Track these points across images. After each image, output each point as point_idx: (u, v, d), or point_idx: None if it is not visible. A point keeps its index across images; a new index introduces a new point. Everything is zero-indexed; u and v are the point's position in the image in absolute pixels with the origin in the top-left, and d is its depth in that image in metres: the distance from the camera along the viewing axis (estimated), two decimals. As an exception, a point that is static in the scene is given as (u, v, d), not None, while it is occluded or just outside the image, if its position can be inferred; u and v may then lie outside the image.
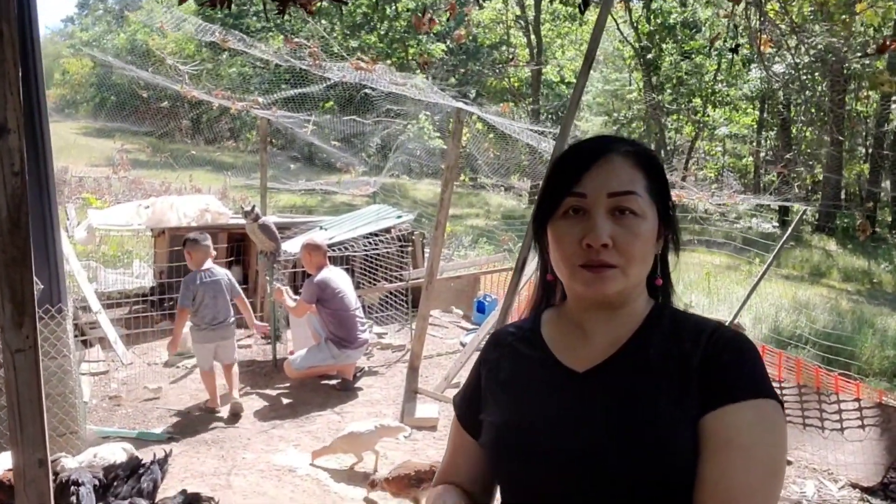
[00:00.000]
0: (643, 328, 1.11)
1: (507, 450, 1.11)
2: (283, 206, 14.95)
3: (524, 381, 1.15)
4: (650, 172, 1.11)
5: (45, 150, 3.91)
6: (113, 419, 4.85)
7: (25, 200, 2.20)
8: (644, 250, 1.08)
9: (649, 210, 1.08)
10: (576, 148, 1.14)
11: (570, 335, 1.15)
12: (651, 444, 1.00)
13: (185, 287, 4.94)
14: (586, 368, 1.10)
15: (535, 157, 17.09)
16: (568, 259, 1.08)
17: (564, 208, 1.09)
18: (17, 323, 2.22)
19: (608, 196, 1.06)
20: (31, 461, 2.30)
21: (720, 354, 1.04)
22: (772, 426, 1.01)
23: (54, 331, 3.96)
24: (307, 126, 7.57)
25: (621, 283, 1.06)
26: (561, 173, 1.11)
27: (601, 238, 1.04)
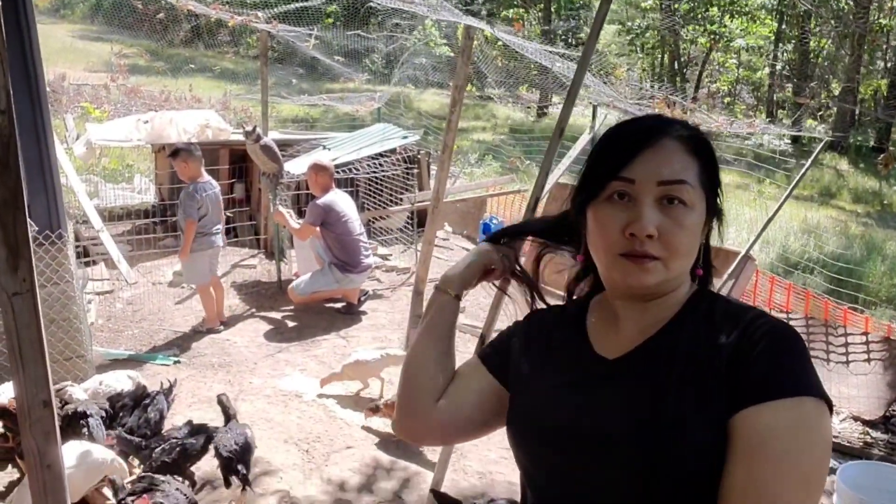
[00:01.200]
0: (678, 317, 1.05)
1: (531, 431, 1.09)
2: (285, 117, 14.64)
3: (558, 364, 1.12)
4: (703, 159, 1.03)
5: (35, 66, 3.72)
6: (119, 340, 4.88)
7: (14, 140, 2.07)
8: (690, 243, 1.01)
9: (699, 200, 1.01)
10: (626, 127, 1.06)
11: (606, 322, 1.11)
12: (667, 438, 0.94)
13: (190, 198, 4.86)
14: (616, 356, 1.06)
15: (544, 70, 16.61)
16: (608, 247, 1.02)
17: (609, 192, 1.02)
18: (13, 266, 2.14)
19: (658, 184, 0.99)
20: (36, 402, 2.27)
21: (755, 345, 0.95)
22: (812, 430, 0.90)
23: (55, 256, 3.91)
24: (309, 41, 7.25)
25: (662, 275, 1.01)
26: (609, 154, 1.04)
27: (647, 228, 0.98)
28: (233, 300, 5.66)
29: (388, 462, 3.50)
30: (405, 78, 12.88)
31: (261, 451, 3.48)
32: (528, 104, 23.88)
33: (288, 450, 3.54)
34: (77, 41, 25.27)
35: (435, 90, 21.87)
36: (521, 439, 1.11)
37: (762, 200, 11.02)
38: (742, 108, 24.58)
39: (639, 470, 0.95)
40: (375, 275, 6.38)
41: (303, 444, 3.61)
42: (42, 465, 2.36)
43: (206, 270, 4.99)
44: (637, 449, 0.95)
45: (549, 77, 15.34)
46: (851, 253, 8.12)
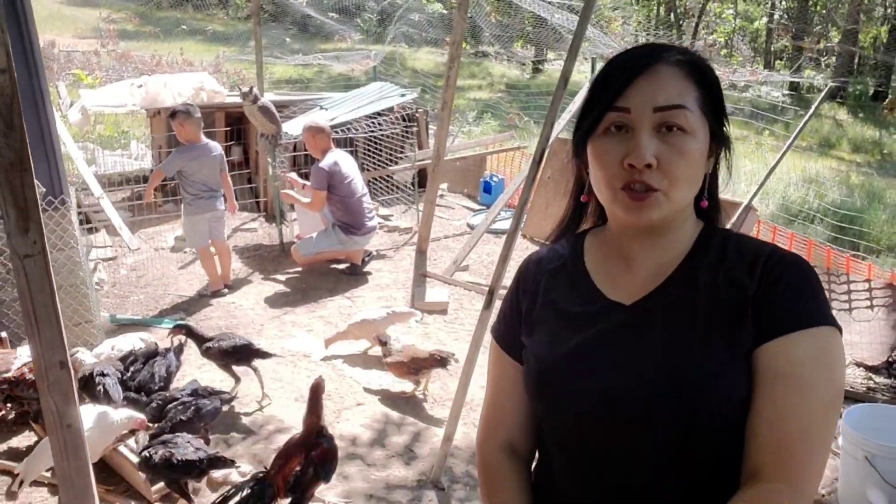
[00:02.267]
0: (691, 255, 1.03)
1: (550, 386, 1.06)
2: (279, 79, 14.46)
3: (569, 314, 1.08)
4: (703, 84, 0.99)
5: (28, 29, 3.66)
6: (126, 306, 4.89)
7: (17, 99, 2.06)
8: (692, 171, 0.97)
9: (700, 126, 0.97)
10: (620, 58, 1.02)
11: (613, 264, 1.08)
12: (703, 380, 0.94)
13: (176, 155, 4.87)
14: (633, 301, 1.03)
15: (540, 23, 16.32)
16: (609, 180, 0.99)
17: (606, 124, 0.99)
18: (23, 228, 2.14)
19: (654, 111, 0.96)
20: (52, 363, 2.30)
21: (778, 281, 0.96)
22: (831, 357, 0.93)
23: (59, 222, 3.90)
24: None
25: (665, 208, 0.97)
26: (603, 86, 1.01)
27: (645, 157, 0.94)
28: (236, 264, 5.66)
29: (398, 418, 3.55)
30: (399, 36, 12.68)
31: (273, 409, 3.54)
32: (524, 60, 23.58)
33: (300, 408, 3.56)
34: (64, 7, 24.77)
35: (429, 48, 21.56)
36: (551, 401, 1.07)
37: (761, 152, 10.97)
38: (739, 60, 24.30)
39: (679, 421, 0.95)
40: (378, 234, 6.38)
41: (314, 401, 3.65)
42: (62, 425, 2.39)
43: (204, 233, 4.98)
44: (678, 401, 0.95)
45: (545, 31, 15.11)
46: (852, 202, 8.12)
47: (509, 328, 1.17)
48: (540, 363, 1.08)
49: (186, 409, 2.91)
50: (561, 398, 1.05)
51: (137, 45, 16.58)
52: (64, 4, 25.26)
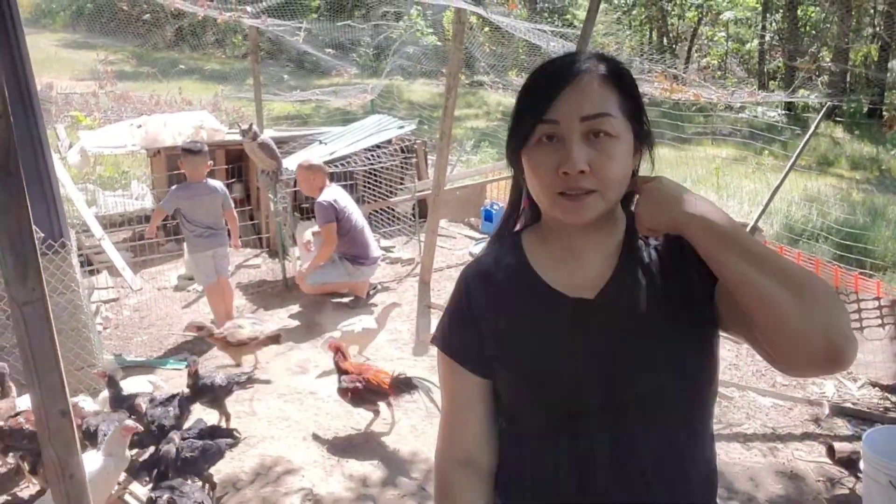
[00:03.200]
0: (627, 242, 1.14)
1: (543, 390, 1.10)
2: (277, 115, 14.54)
3: (534, 318, 1.13)
4: (622, 89, 1.07)
5: (25, 73, 3.66)
6: (129, 347, 4.84)
7: (13, 144, 2.03)
8: (621, 171, 1.06)
9: (624, 130, 1.06)
10: (543, 71, 1.10)
11: (561, 260, 1.15)
12: (696, 343, 1.09)
13: (175, 192, 4.84)
14: (594, 294, 1.11)
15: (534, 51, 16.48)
16: (546, 187, 1.06)
17: (537, 136, 1.06)
18: (21, 275, 2.10)
19: (581, 120, 1.03)
20: (53, 413, 2.24)
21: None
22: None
23: (60, 266, 3.87)
24: (299, 34, 7.18)
25: (601, 206, 1.06)
26: (531, 100, 1.08)
27: (577, 165, 1.02)
28: (239, 300, 5.61)
29: (409, 454, 3.47)
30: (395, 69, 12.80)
31: (281, 449, 3.46)
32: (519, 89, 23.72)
33: (308, 447, 3.50)
34: (61, 50, 25.08)
35: (424, 80, 21.75)
36: (531, 403, 1.13)
37: (762, 172, 10.98)
38: (733, 81, 24.49)
39: (682, 386, 1.08)
40: (380, 267, 6.34)
41: (322, 440, 3.58)
42: (64, 475, 2.32)
43: (210, 270, 4.94)
44: (677, 364, 1.07)
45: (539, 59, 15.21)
46: (855, 219, 8.10)
47: (464, 343, 1.18)
48: (525, 371, 1.12)
49: (193, 448, 2.83)
50: (553, 399, 1.10)
51: (135, 86, 16.72)
52: (61, 47, 25.58)
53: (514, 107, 1.12)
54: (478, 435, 1.19)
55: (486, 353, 1.15)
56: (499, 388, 1.17)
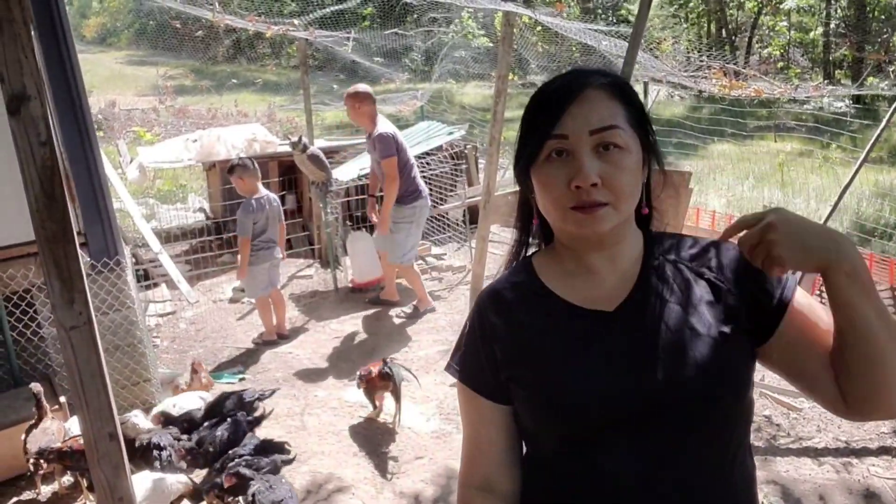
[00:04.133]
0: (648, 257, 1.12)
1: (564, 407, 1.06)
2: (329, 124, 14.71)
3: (551, 335, 1.10)
4: (627, 102, 1.08)
5: (80, 96, 3.74)
6: (185, 361, 4.90)
7: (58, 171, 2.04)
8: (632, 183, 1.06)
9: (632, 141, 1.06)
10: (549, 87, 1.09)
11: (576, 277, 1.13)
12: (726, 359, 1.02)
13: (244, 215, 4.82)
14: (613, 307, 1.09)
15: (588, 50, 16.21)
16: (558, 202, 1.05)
17: (547, 152, 1.06)
18: (68, 300, 2.11)
19: (590, 133, 1.03)
20: (102, 435, 2.25)
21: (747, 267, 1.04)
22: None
23: (115, 283, 3.94)
24: (347, 44, 7.20)
25: (614, 218, 1.04)
26: (538, 116, 1.08)
27: (589, 178, 1.01)
28: (292, 312, 5.64)
29: (461, 471, 3.38)
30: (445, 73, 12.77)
31: (332, 465, 3.43)
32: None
33: (358, 463, 3.46)
34: (125, 67, 26.06)
35: (476, 82, 21.67)
36: (553, 420, 1.08)
37: (828, 167, 10.50)
38: (797, 72, 23.61)
39: (704, 404, 1.02)
40: (430, 275, 6.29)
41: (372, 456, 3.53)
42: (113, 498, 2.33)
43: (265, 283, 4.97)
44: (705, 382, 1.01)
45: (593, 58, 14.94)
46: (933, 215, 7.64)
47: (478, 370, 1.17)
48: (544, 389, 1.08)
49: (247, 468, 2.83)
50: (575, 414, 1.05)
51: (194, 100, 17.18)
52: (125, 64, 26.58)
53: (520, 127, 1.11)
54: (497, 461, 1.18)
55: (501, 378, 1.13)
56: (518, 410, 1.14)
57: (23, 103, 1.96)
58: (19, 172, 2.00)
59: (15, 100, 1.95)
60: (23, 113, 1.96)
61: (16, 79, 1.93)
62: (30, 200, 2.01)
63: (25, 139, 1.98)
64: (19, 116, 1.96)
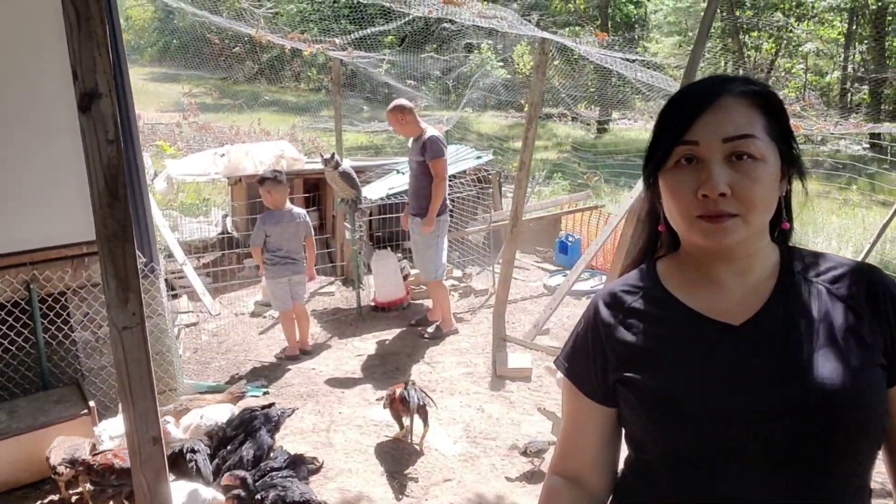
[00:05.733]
0: (784, 275, 1.07)
1: (678, 414, 1.02)
2: (350, 146, 14.80)
3: (671, 341, 1.06)
4: (769, 111, 1.03)
5: (127, 101, 3.79)
6: (207, 372, 4.88)
7: (122, 170, 2.05)
8: (766, 195, 1.00)
9: (770, 153, 1.01)
10: (685, 92, 1.07)
11: (702, 287, 1.08)
12: (845, 392, 0.95)
13: (259, 226, 4.90)
14: (741, 321, 1.03)
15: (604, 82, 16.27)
16: (684, 210, 1.02)
17: (676, 158, 1.03)
18: (123, 300, 2.11)
19: (723, 141, 0.99)
20: (146, 439, 2.24)
21: (890, 296, 1.02)
22: None
23: (148, 290, 3.94)
24: (381, 66, 7.27)
25: (743, 231, 1.00)
26: (670, 121, 1.05)
27: (718, 187, 0.98)
28: (314, 328, 5.62)
29: (494, 497, 3.33)
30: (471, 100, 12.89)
31: (360, 484, 3.38)
32: (588, 121, 23.59)
33: (386, 483, 3.42)
34: (148, 83, 26.35)
35: (493, 112, 21.84)
36: (664, 425, 1.04)
37: (849, 207, 10.47)
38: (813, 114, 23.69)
39: (826, 427, 0.95)
40: (454, 297, 6.26)
41: (400, 476, 3.48)
42: (153, 503, 2.30)
43: (285, 297, 4.97)
44: (827, 415, 0.95)
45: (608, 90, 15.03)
46: (959, 259, 7.58)
47: (584, 368, 1.15)
48: (657, 393, 1.04)
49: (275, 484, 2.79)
50: (686, 422, 1.01)
51: (216, 117, 17.35)
52: (148, 80, 26.90)
53: (652, 132, 1.09)
54: (592, 460, 1.16)
55: (609, 381, 1.11)
56: (625, 414, 1.11)
57: (94, 101, 1.98)
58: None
59: (86, 97, 1.97)
60: (93, 110, 1.98)
61: (89, 76, 1.95)
62: (93, 198, 2.02)
63: (94, 136, 1.99)
64: (89, 113, 1.98)
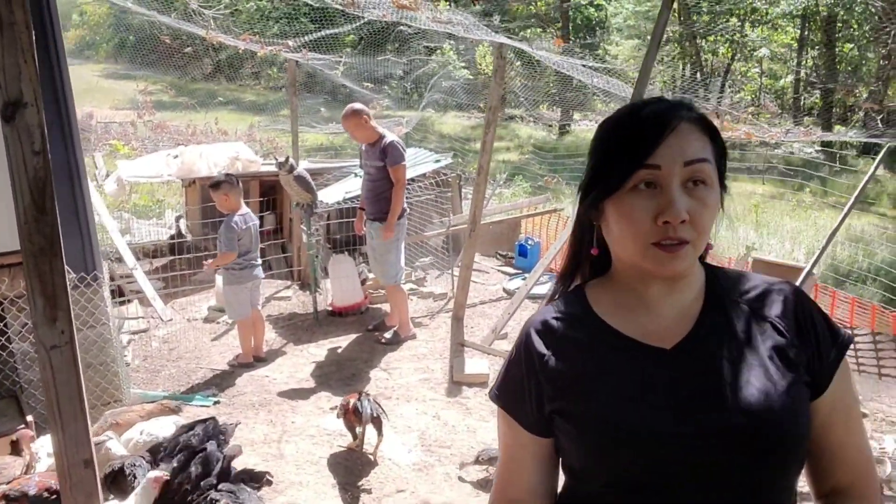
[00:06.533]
0: (710, 296, 1.08)
1: (614, 441, 1.02)
2: (310, 146, 14.64)
3: (604, 368, 1.06)
4: (712, 138, 1.05)
5: (67, 104, 3.64)
6: (157, 381, 4.75)
7: (50, 183, 1.95)
8: (711, 221, 1.03)
9: (715, 178, 1.03)
10: (638, 115, 1.03)
11: (632, 311, 1.08)
12: (773, 403, 0.98)
13: (229, 230, 4.69)
14: (672, 345, 1.04)
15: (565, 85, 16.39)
16: (639, 237, 1.00)
17: (633, 182, 1.00)
18: (51, 318, 2.01)
19: (684, 165, 0.99)
20: (76, 462, 2.13)
21: (811, 313, 1.06)
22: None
23: (91, 299, 3.82)
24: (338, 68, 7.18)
25: (692, 257, 1.01)
26: (628, 144, 1.01)
27: (681, 214, 0.97)
28: (269, 334, 5.52)
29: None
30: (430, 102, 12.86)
31: (310, 498, 3.32)
32: (550, 122, 23.75)
33: (337, 495, 3.35)
34: (103, 80, 25.77)
35: (455, 113, 21.83)
36: (602, 454, 1.03)
37: (801, 209, 10.71)
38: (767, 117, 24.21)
39: (758, 446, 0.97)
40: (412, 301, 6.21)
41: (352, 488, 3.42)
42: (85, 528, 2.20)
43: (246, 303, 4.85)
44: (766, 435, 0.97)
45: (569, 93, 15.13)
46: (904, 261, 7.79)
47: (520, 400, 1.13)
48: (604, 423, 1.03)
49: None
50: (625, 449, 1.01)
51: (173, 116, 17.01)
52: (102, 77, 26.28)
53: (599, 152, 1.06)
54: (531, 489, 1.15)
55: (545, 411, 1.09)
56: (562, 443, 1.10)
57: (18, 110, 1.89)
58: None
59: (10, 106, 1.87)
60: (17, 120, 1.88)
61: (13, 84, 1.86)
62: (18, 212, 1.92)
63: (18, 147, 1.89)
64: (14, 123, 1.88)
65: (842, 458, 1.06)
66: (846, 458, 1.06)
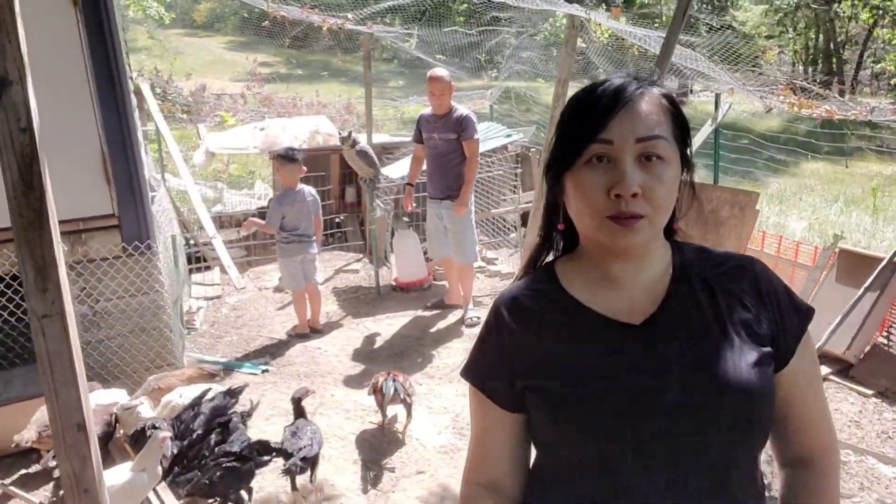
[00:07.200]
0: (678, 270, 1.11)
1: (587, 416, 1.03)
2: (408, 118, 14.72)
3: (575, 344, 1.08)
4: (673, 115, 1.06)
5: (119, 77, 3.78)
6: (217, 346, 4.96)
7: (37, 158, 2.03)
8: (670, 197, 1.04)
9: (674, 155, 1.04)
10: (595, 91, 1.05)
11: (601, 288, 1.10)
12: (748, 384, 1.01)
13: (274, 208, 4.91)
14: (641, 321, 1.07)
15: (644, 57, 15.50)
16: (594, 211, 1.02)
17: (587, 156, 1.03)
18: (42, 288, 2.10)
19: (636, 141, 1.01)
20: (69, 425, 2.24)
21: (774, 287, 1.09)
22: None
23: (145, 266, 4.01)
24: (410, 40, 7.13)
25: (648, 232, 1.02)
26: (583, 118, 1.04)
27: (631, 188, 0.99)
28: (331, 306, 5.63)
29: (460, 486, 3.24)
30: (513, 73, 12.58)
31: (327, 471, 3.36)
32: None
33: (356, 472, 3.38)
34: (226, 52, 27.01)
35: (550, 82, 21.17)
36: (574, 430, 1.05)
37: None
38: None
39: (730, 418, 1.00)
40: (478, 279, 6.13)
41: (373, 466, 3.44)
42: (79, 489, 2.32)
43: (298, 276, 4.97)
44: (724, 399, 1.00)
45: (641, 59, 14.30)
46: None
47: (492, 377, 1.14)
48: (565, 397, 1.05)
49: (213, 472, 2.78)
50: (599, 425, 1.03)
51: (281, 87, 17.59)
52: (227, 50, 27.55)
53: (558, 129, 1.08)
54: (504, 466, 1.17)
55: (517, 388, 1.11)
56: (535, 421, 1.12)
57: (4, 88, 1.96)
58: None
59: (-5, 84, 1.95)
60: (3, 98, 1.96)
61: (-3, 64, 1.93)
62: (7, 187, 2.01)
63: (5, 125, 1.97)
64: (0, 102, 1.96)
65: (806, 425, 1.11)
66: (810, 426, 1.11)
